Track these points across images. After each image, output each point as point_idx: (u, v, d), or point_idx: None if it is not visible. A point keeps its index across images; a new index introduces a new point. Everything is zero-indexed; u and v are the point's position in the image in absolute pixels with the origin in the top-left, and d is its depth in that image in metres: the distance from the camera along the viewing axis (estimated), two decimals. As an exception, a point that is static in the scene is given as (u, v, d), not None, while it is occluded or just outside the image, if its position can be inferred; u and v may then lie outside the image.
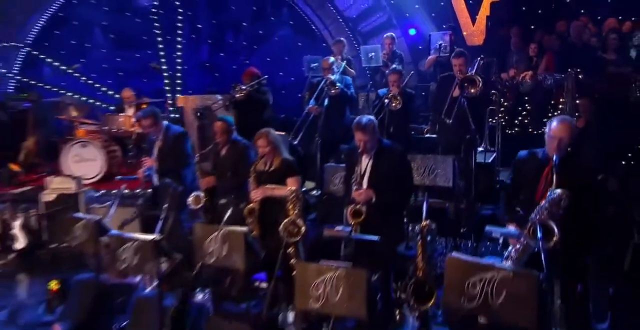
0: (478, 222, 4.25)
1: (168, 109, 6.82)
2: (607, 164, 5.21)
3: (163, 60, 8.48)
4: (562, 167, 2.70)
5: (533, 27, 7.24)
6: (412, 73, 5.42)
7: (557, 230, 2.51)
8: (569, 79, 5.62)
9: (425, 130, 5.89)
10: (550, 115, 5.56)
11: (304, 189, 4.76)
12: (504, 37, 7.12)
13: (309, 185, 5.24)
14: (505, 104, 6.47)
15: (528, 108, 6.37)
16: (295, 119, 5.60)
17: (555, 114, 5.49)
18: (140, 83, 8.33)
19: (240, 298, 3.88)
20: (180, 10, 8.62)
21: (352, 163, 3.43)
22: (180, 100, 6.21)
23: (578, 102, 5.54)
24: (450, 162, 4.07)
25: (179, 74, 8.57)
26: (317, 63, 5.82)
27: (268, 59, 8.98)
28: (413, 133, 5.58)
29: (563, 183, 2.61)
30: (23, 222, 5.01)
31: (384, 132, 4.43)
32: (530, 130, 6.20)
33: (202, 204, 4.08)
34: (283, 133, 4.99)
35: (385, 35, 6.11)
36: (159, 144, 4.37)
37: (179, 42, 8.72)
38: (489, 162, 5.42)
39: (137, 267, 3.41)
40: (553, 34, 6.55)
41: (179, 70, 8.59)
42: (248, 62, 8.69)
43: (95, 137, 5.97)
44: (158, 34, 8.73)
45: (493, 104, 5.30)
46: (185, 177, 4.26)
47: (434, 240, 3.77)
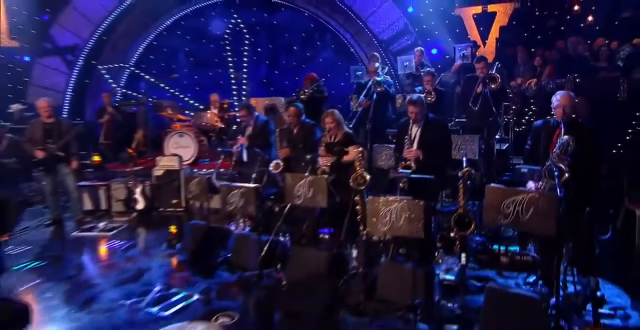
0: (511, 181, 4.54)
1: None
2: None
3: (232, 76, 9.13)
4: (569, 127, 3.05)
5: (535, 46, 7.58)
6: (441, 75, 5.82)
7: (567, 170, 2.85)
8: (568, 83, 5.90)
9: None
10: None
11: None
12: (511, 54, 7.45)
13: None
14: (514, 107, 6.77)
15: (533, 109, 6.64)
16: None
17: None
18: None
19: (309, 244, 4.26)
20: (246, 37, 9.31)
21: (402, 133, 3.83)
22: (252, 101, 6.76)
23: (576, 100, 5.80)
24: (477, 139, 4.44)
25: (244, 87, 9.18)
26: (361, 71, 6.31)
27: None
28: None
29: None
30: (142, 189, 5.58)
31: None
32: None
33: (280, 169, 4.52)
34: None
35: (416, 49, 6.56)
36: (250, 128, 4.93)
37: (244, 62, 9.39)
38: (504, 149, 5.74)
39: (242, 208, 3.90)
40: (553, 50, 6.84)
41: (245, 84, 9.21)
42: (297, 78, 9.23)
43: (189, 129, 6.58)
44: (227, 57, 9.44)
45: (508, 100, 5.60)
46: (269, 150, 4.78)
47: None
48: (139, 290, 3.66)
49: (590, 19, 7.80)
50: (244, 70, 9.14)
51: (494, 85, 4.53)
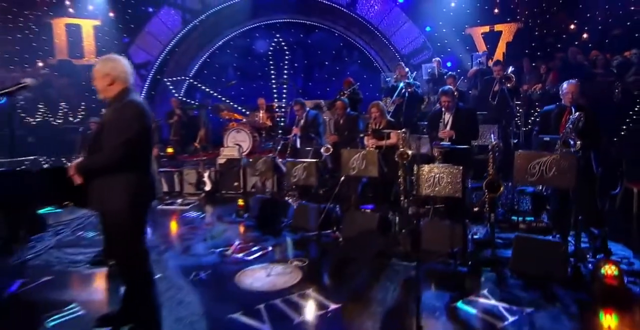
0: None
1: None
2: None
3: (274, 86, 9.66)
4: (577, 108, 3.38)
5: (537, 59, 7.90)
6: (461, 78, 6.20)
7: (578, 140, 3.18)
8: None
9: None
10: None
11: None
12: (517, 66, 7.76)
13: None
14: (520, 110, 7.07)
15: (539, 110, 6.91)
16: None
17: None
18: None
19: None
20: (286, 54, 9.86)
21: (435, 117, 4.19)
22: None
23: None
24: (495, 128, 4.76)
25: (284, 95, 9.69)
26: (389, 78, 6.73)
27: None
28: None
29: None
30: (209, 174, 6.04)
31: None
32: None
33: (330, 152, 4.90)
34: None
35: (434, 59, 6.97)
36: (302, 121, 5.36)
37: (284, 75, 9.92)
38: (515, 142, 6.01)
39: (304, 179, 4.28)
40: (555, 59, 7.15)
41: (284, 93, 9.73)
42: (328, 89, 9.70)
43: (244, 127, 7.06)
44: (270, 71, 9.98)
45: (519, 99, 5.92)
46: (320, 137, 5.21)
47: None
48: (223, 244, 4.06)
49: (585, 36, 8.11)
50: (285, 78, 9.64)
51: (510, 84, 4.89)
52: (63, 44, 8.86)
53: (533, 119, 6.99)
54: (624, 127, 6.09)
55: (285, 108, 8.27)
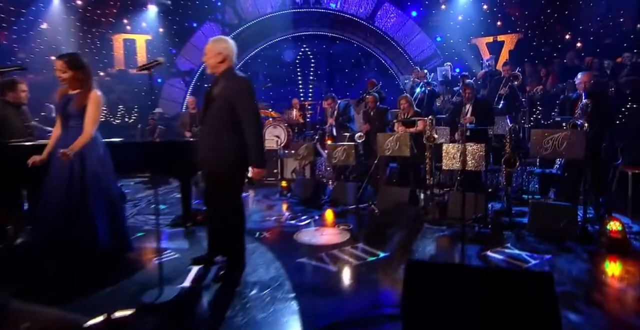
0: (524, 153, 5.09)
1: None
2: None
3: (301, 90, 10.06)
4: (589, 95, 3.66)
5: (537, 65, 8.17)
6: (473, 79, 6.52)
7: (585, 123, 3.46)
8: (568, 86, 6.42)
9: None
10: (554, 113, 6.40)
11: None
12: (520, 70, 8.04)
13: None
14: (522, 110, 7.32)
15: (539, 109, 7.17)
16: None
17: (556, 111, 6.34)
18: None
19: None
20: (311, 63, 10.28)
21: (458, 107, 4.52)
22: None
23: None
24: (506, 118, 5.05)
25: (310, 98, 10.08)
26: (407, 80, 7.06)
27: (360, 92, 10.30)
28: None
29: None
30: (252, 161, 6.39)
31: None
32: (542, 122, 6.98)
33: (363, 139, 5.25)
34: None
35: (446, 64, 7.29)
36: (336, 112, 5.71)
37: (309, 81, 10.32)
38: (520, 136, 6.27)
39: (344, 160, 4.61)
40: (554, 64, 7.42)
41: (310, 95, 10.12)
42: (348, 94, 10.06)
43: (280, 123, 7.43)
44: (297, 77, 10.41)
45: (525, 96, 6.19)
46: (352, 126, 5.55)
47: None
48: (275, 214, 4.40)
49: (579, 45, 8.36)
50: (310, 87, 10.04)
51: (517, 82, 5.19)
52: (120, 56, 9.44)
53: (535, 117, 7.28)
54: (617, 122, 6.33)
55: (315, 105, 8.66)
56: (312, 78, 10.28)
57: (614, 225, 3.01)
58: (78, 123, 2.62)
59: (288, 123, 7.50)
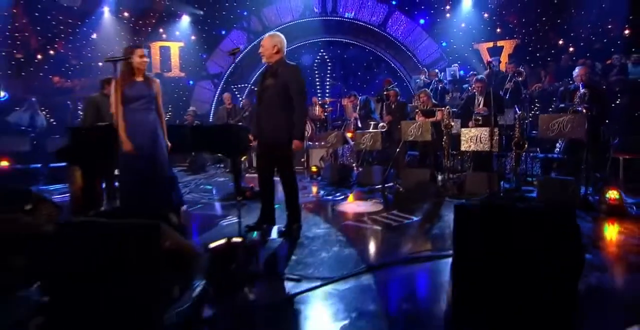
0: (530, 140, 5.34)
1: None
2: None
3: (319, 91, 10.40)
4: (586, 86, 3.98)
5: (534, 66, 8.46)
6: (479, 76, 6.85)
7: (584, 109, 3.77)
8: (564, 84, 6.71)
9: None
10: (551, 110, 6.69)
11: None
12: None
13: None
14: (525, 104, 7.57)
15: (538, 105, 7.46)
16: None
17: (553, 106, 6.62)
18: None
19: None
20: (328, 66, 10.62)
21: (470, 99, 4.82)
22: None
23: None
24: (512, 110, 5.34)
25: (327, 97, 10.40)
26: (418, 79, 7.39)
27: (372, 93, 10.63)
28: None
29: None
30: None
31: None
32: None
33: (385, 129, 5.56)
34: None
35: (454, 65, 7.60)
36: (358, 107, 6.04)
37: (326, 83, 10.64)
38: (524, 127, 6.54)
39: (371, 145, 4.93)
40: (550, 66, 7.71)
41: (327, 94, 10.46)
42: (361, 94, 10.38)
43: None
44: (314, 80, 10.74)
45: (527, 90, 6.47)
46: (373, 113, 5.88)
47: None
48: (310, 193, 4.71)
49: (571, 50, 8.66)
50: (327, 89, 10.37)
51: (521, 78, 5.51)
52: (157, 62, 9.85)
53: (534, 113, 7.57)
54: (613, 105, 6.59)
55: (334, 102, 8.97)
56: (328, 80, 10.60)
57: (613, 194, 3.31)
58: (148, 105, 2.83)
59: (311, 118, 7.84)
